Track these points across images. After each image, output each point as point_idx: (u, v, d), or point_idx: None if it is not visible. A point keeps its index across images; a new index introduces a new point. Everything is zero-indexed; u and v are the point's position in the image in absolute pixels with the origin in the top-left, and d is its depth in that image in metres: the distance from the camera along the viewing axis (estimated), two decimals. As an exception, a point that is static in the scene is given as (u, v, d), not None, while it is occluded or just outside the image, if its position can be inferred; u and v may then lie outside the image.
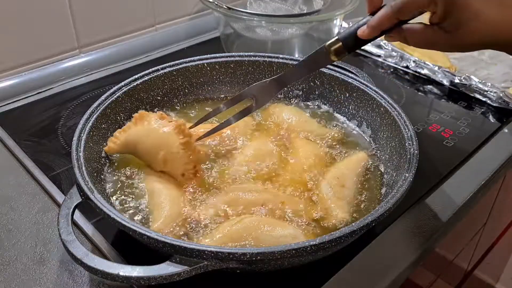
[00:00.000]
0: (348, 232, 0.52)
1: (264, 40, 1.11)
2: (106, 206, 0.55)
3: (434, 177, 0.77)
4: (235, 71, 0.87)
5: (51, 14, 0.97)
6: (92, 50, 1.07)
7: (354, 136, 0.80)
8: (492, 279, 1.66)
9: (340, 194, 0.66)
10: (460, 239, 1.08)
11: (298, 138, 0.78)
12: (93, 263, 0.51)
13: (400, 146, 0.69)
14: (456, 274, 1.28)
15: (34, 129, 0.87)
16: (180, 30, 1.21)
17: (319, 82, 0.85)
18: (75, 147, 0.64)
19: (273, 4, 1.18)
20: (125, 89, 0.77)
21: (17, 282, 0.59)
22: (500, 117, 0.93)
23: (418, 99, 1.00)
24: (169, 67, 0.83)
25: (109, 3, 1.05)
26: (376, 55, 1.13)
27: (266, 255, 0.50)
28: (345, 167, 0.71)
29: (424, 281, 0.98)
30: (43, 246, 0.64)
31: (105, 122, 0.73)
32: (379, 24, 0.60)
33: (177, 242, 0.51)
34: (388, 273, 0.61)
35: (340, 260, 0.61)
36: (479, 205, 0.87)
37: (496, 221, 1.27)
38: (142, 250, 0.57)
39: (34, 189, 0.74)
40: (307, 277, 0.59)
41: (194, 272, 0.50)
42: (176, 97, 0.85)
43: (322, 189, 0.68)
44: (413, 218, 0.69)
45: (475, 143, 0.85)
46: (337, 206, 0.65)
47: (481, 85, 0.96)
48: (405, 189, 0.59)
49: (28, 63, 0.98)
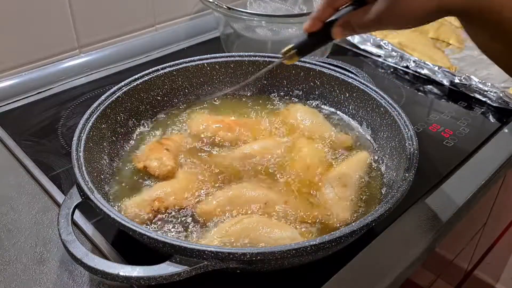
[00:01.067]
0: (348, 232, 0.52)
1: (264, 40, 1.11)
2: (106, 206, 0.55)
3: (434, 177, 0.76)
4: (235, 71, 0.87)
5: (51, 14, 0.97)
6: (92, 50, 1.07)
7: (354, 136, 0.80)
8: (492, 279, 1.66)
9: (342, 194, 0.66)
10: (460, 239, 1.08)
11: (302, 138, 0.78)
12: (93, 263, 0.51)
13: (400, 146, 0.69)
14: (456, 274, 1.28)
15: (34, 129, 0.87)
16: (180, 30, 1.21)
17: (319, 82, 0.85)
18: (75, 147, 0.64)
19: (273, 4, 1.18)
20: (125, 89, 0.77)
21: (17, 282, 0.59)
22: (500, 117, 0.93)
23: (418, 99, 1.00)
24: (169, 67, 0.83)
25: (109, 3, 1.05)
26: (376, 55, 1.13)
27: (266, 255, 0.50)
28: (346, 167, 0.71)
29: (424, 281, 0.98)
30: (43, 246, 0.64)
31: (105, 122, 0.72)
32: (318, 15, 0.60)
33: (177, 242, 0.51)
34: (388, 273, 0.61)
35: (340, 260, 0.61)
36: (479, 205, 0.87)
37: (496, 221, 1.27)
38: (142, 250, 0.57)
39: (34, 189, 0.74)
40: (307, 277, 0.59)
41: (194, 272, 0.50)
42: (176, 97, 0.85)
43: (324, 189, 0.68)
44: (413, 218, 0.69)
45: (475, 143, 0.85)
46: (338, 206, 0.65)
47: (481, 85, 0.96)
48: (405, 189, 0.59)
49: (28, 63, 0.98)
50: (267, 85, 0.89)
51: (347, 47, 1.18)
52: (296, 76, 0.87)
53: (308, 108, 0.85)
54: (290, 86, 0.88)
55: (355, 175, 0.70)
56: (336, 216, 0.64)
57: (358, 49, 1.16)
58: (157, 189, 0.66)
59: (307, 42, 0.62)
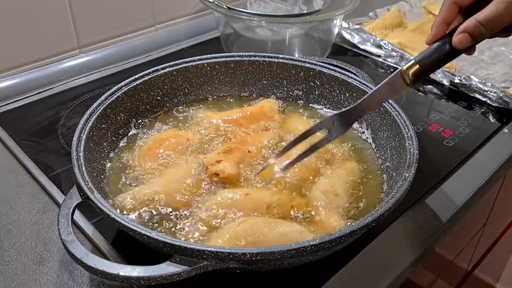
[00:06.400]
0: (348, 232, 0.52)
1: (264, 40, 1.11)
2: (106, 206, 0.55)
3: (434, 177, 0.76)
4: (235, 71, 0.87)
5: (51, 14, 0.97)
6: (92, 50, 1.07)
7: (354, 136, 0.80)
8: (492, 279, 1.66)
9: (334, 203, 0.65)
10: (460, 239, 1.08)
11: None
12: (93, 263, 0.51)
13: (400, 146, 0.69)
14: (456, 274, 1.28)
15: (34, 129, 0.87)
16: (180, 30, 1.21)
17: (319, 82, 0.85)
18: (75, 147, 0.64)
19: (273, 4, 1.18)
20: (125, 89, 0.77)
21: (17, 282, 0.59)
22: (500, 117, 0.93)
23: (418, 99, 1.00)
24: (169, 67, 0.83)
25: (109, 3, 1.05)
26: (376, 55, 1.13)
27: (266, 255, 0.50)
28: (337, 176, 0.70)
29: (424, 281, 0.98)
30: (43, 246, 0.64)
31: (105, 122, 0.72)
32: (442, 19, 0.57)
33: (177, 242, 0.51)
34: (388, 273, 0.61)
35: (340, 260, 0.61)
36: (479, 205, 0.87)
37: (496, 221, 1.27)
38: (142, 250, 0.57)
39: (34, 189, 0.74)
40: (307, 277, 0.59)
41: (194, 272, 0.50)
42: (176, 97, 0.85)
43: (315, 197, 0.66)
44: (413, 218, 0.69)
45: (475, 143, 0.85)
46: (330, 214, 0.64)
47: (481, 85, 0.96)
48: (405, 189, 0.59)
49: (28, 63, 0.98)
50: (267, 85, 0.89)
51: (347, 47, 1.18)
52: (296, 76, 0.87)
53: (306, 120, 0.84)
54: (290, 86, 0.88)
55: (346, 182, 0.69)
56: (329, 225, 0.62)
57: (358, 49, 1.16)
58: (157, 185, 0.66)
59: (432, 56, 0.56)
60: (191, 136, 0.77)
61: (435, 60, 0.57)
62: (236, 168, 0.69)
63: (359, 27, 1.18)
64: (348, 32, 1.17)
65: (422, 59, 0.57)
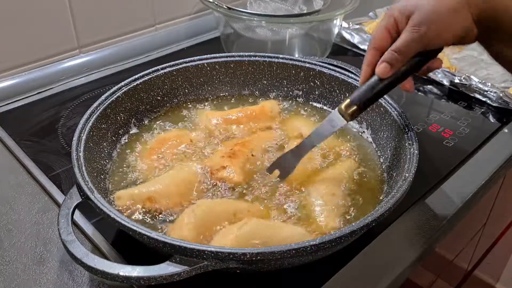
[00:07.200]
0: (348, 232, 0.52)
1: (264, 40, 1.11)
2: (106, 206, 0.55)
3: (434, 177, 0.76)
4: (235, 71, 0.87)
5: (51, 14, 0.97)
6: (92, 50, 1.07)
7: (354, 136, 0.80)
8: (492, 279, 1.66)
9: (331, 203, 0.65)
10: (460, 239, 1.08)
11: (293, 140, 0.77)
12: (93, 263, 0.51)
13: (400, 146, 0.69)
14: (456, 274, 1.28)
15: (34, 129, 0.87)
16: (180, 30, 1.21)
17: (319, 82, 0.85)
18: (75, 147, 0.64)
19: (273, 4, 1.18)
20: (125, 89, 0.77)
21: (17, 282, 0.59)
22: (500, 117, 0.93)
23: (418, 99, 1.00)
24: (169, 67, 0.83)
25: (109, 3, 1.05)
26: (376, 55, 1.13)
27: (266, 255, 0.50)
28: (334, 176, 0.70)
29: (424, 281, 0.98)
30: (43, 246, 0.64)
31: (105, 122, 0.73)
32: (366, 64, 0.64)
33: (177, 242, 0.51)
34: (388, 273, 0.61)
35: (340, 260, 0.61)
36: (479, 205, 0.87)
37: (496, 221, 1.27)
38: (142, 250, 0.57)
39: (34, 189, 0.74)
40: (307, 277, 0.59)
41: (194, 272, 0.50)
42: (176, 97, 0.85)
43: (311, 198, 0.66)
44: (413, 218, 0.69)
45: (475, 143, 0.85)
46: (326, 216, 0.64)
47: (481, 85, 0.96)
48: (405, 189, 0.59)
49: (28, 63, 0.98)
50: (267, 85, 0.89)
51: (347, 47, 1.18)
52: (296, 76, 0.87)
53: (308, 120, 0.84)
54: (290, 86, 0.88)
55: (344, 183, 0.69)
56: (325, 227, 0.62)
57: (358, 49, 1.16)
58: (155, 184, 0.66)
59: (366, 94, 0.63)
60: (194, 136, 0.77)
61: (369, 97, 0.64)
62: (241, 175, 0.69)
63: (359, 27, 1.18)
64: (348, 32, 1.17)
65: (356, 99, 0.64)
